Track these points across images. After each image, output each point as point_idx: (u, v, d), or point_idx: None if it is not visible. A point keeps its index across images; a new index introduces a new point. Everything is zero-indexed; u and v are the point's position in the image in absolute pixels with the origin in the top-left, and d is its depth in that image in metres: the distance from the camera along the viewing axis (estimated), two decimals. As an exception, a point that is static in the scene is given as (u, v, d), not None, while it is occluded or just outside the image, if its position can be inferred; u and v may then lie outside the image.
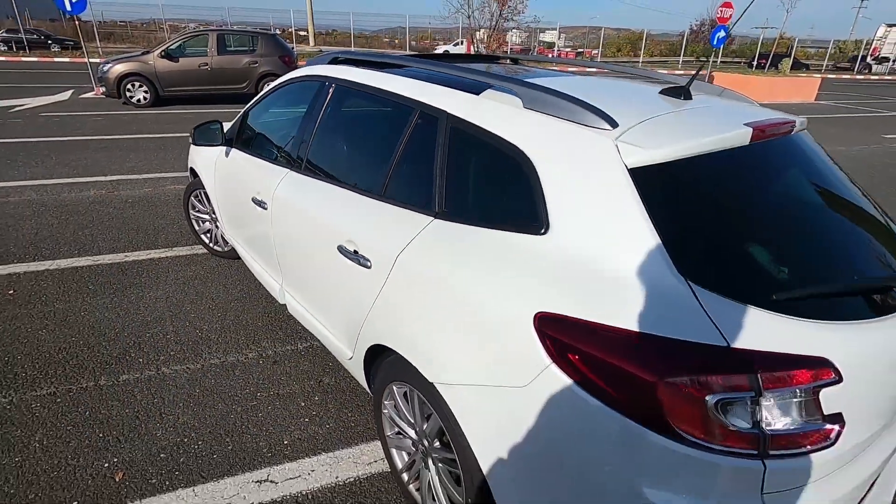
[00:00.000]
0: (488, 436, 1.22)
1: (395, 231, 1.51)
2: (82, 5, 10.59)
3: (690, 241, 1.07)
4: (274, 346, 2.63)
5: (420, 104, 1.61)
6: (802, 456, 0.97)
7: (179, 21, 37.66)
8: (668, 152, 1.13)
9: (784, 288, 1.06)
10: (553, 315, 1.08)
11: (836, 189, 1.43)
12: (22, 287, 3.11)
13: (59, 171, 5.56)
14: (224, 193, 2.88)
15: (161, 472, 1.86)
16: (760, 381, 0.92)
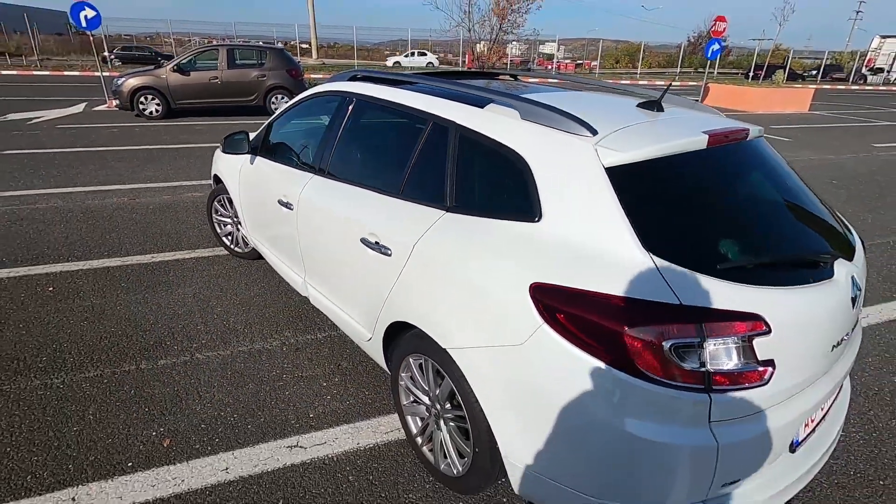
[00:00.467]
0: (493, 390, 1.48)
1: (413, 223, 1.78)
2: (97, 22, 10.99)
3: (654, 224, 1.34)
4: (296, 335, 2.88)
5: (433, 116, 1.89)
6: (741, 391, 1.23)
7: (184, 35, 38.35)
8: (638, 154, 1.40)
9: (727, 260, 1.32)
10: (544, 285, 1.34)
11: (781, 185, 1.70)
12: (60, 285, 3.37)
13: (81, 179, 5.86)
14: (248, 197, 3.15)
15: (203, 439, 2.10)
16: (704, 330, 1.18)
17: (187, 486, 1.88)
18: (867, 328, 3.16)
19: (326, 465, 2.00)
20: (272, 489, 1.88)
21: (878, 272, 4.01)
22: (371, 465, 2.01)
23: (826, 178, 7.28)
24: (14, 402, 2.27)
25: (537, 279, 1.36)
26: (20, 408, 2.23)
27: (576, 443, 1.33)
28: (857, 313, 1.55)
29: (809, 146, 9.86)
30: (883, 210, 5.73)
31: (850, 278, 1.46)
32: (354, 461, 2.03)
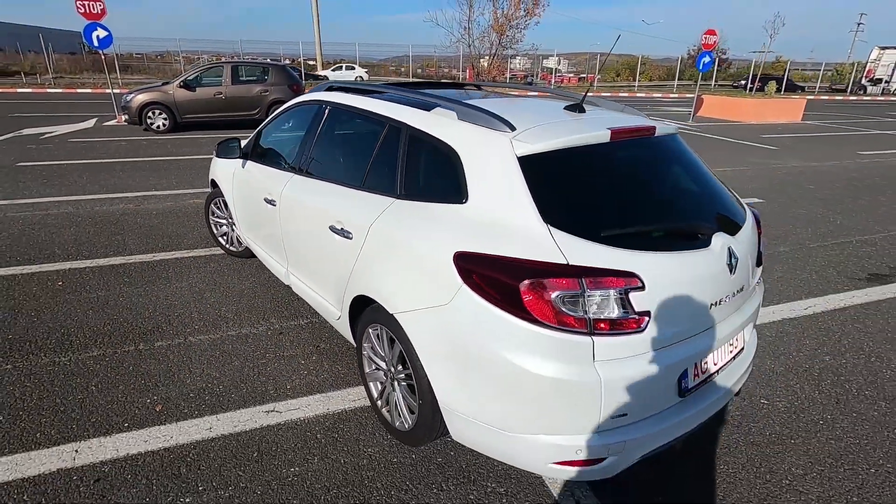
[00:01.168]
0: (429, 345, 1.75)
1: (370, 210, 2.07)
2: (108, 41, 11.51)
3: (554, 201, 1.61)
4: (280, 321, 3.16)
5: (389, 119, 2.19)
6: (620, 336, 1.49)
7: (193, 53, 39.35)
8: (545, 146, 1.69)
9: (611, 229, 1.59)
10: (464, 252, 1.62)
11: (682, 172, 1.98)
12: (68, 279, 3.69)
13: (91, 188, 6.22)
14: (241, 197, 3.46)
15: (191, 405, 2.38)
16: (585, 283, 1.45)
17: (175, 441, 2.15)
18: (816, 315, 3.39)
19: (298, 426, 2.27)
20: (249, 444, 2.15)
21: (835, 267, 4.24)
22: (338, 426, 2.28)
23: (804, 182, 7.51)
24: (26, 376, 2.56)
25: (459, 248, 1.64)
26: (31, 380, 2.52)
27: (491, 385, 1.60)
28: (740, 280, 1.81)
29: (794, 154, 10.10)
30: (853, 213, 5.96)
31: (727, 249, 1.73)
32: (324, 423, 2.29)
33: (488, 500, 1.90)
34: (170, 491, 1.90)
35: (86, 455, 2.06)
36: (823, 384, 2.66)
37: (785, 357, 2.90)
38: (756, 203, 6.27)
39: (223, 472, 2.00)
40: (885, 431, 2.31)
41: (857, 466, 2.10)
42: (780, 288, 3.82)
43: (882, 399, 2.55)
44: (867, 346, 3.04)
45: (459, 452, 2.12)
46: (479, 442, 1.75)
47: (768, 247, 4.69)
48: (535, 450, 1.60)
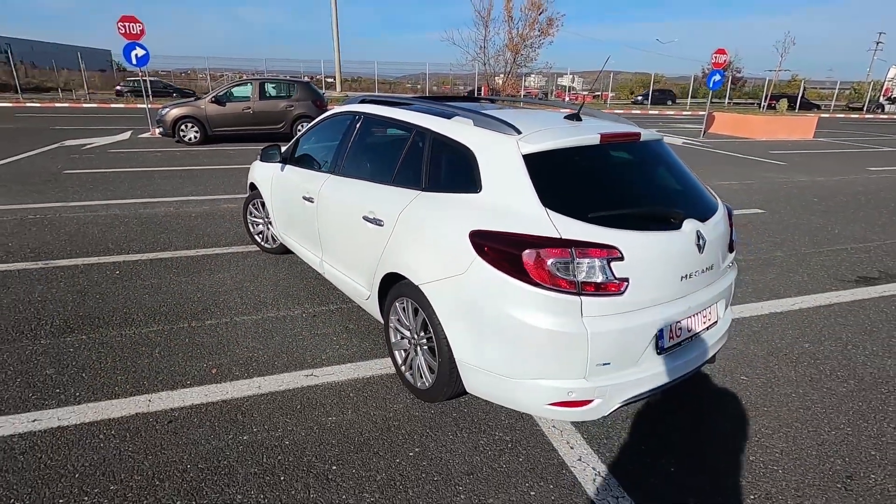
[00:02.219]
0: (448, 308, 2.12)
1: (399, 200, 2.46)
2: (145, 59, 12.29)
3: (551, 190, 1.98)
4: (313, 306, 3.56)
5: (416, 126, 2.59)
6: (603, 297, 1.85)
7: (218, 71, 40.79)
8: (545, 146, 2.07)
9: (596, 211, 1.95)
10: (478, 230, 2.00)
11: (664, 171, 2.34)
12: (124, 270, 4.14)
13: (133, 193, 6.76)
14: (279, 197, 3.89)
15: (241, 369, 2.77)
16: (574, 253, 1.82)
17: (230, 395, 2.54)
18: (802, 310, 3.68)
19: (333, 386, 2.64)
20: (292, 399, 2.53)
21: (826, 271, 4.52)
22: (367, 387, 2.64)
23: (809, 196, 7.76)
24: (100, 344, 2.98)
25: (473, 227, 2.02)
26: (104, 348, 2.94)
27: (498, 339, 1.96)
28: (709, 259, 2.15)
29: (802, 169, 10.33)
30: (852, 223, 6.20)
31: (696, 232, 2.08)
32: (355, 385, 2.66)
33: (495, 445, 2.24)
34: (230, 430, 2.28)
35: (158, 403, 2.46)
36: (800, 366, 2.95)
37: (767, 343, 3.20)
38: (757, 213, 6.55)
39: (273, 419, 2.37)
40: (850, 403, 2.61)
41: (821, 429, 2.40)
42: (772, 287, 4.11)
43: (852, 378, 2.83)
44: (846, 336, 3.32)
45: (473, 408, 2.47)
46: (489, 389, 2.10)
47: (764, 252, 4.98)
48: (534, 392, 1.95)
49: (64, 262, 4.25)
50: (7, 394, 2.50)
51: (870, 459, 2.22)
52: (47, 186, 7.02)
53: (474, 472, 2.08)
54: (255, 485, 1.99)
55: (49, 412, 2.38)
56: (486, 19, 25.76)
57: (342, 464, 2.11)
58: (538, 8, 24.53)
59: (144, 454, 2.13)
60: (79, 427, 2.28)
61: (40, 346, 2.95)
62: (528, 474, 2.08)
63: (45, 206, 5.96)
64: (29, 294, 3.61)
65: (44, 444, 2.18)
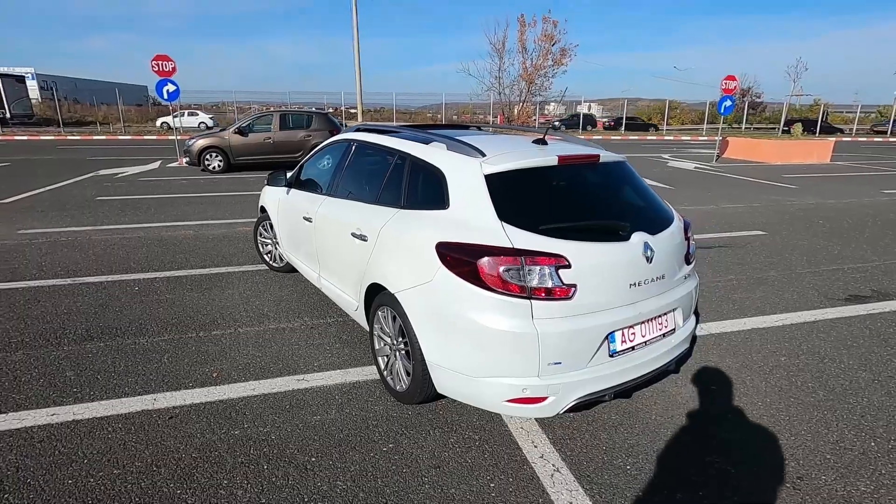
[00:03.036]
0: (418, 314, 2.33)
1: (381, 218, 2.71)
2: (176, 94, 13.12)
3: (507, 205, 2.20)
4: (312, 319, 3.80)
5: (399, 151, 2.86)
6: (552, 301, 2.04)
7: (245, 103, 42.64)
8: (504, 167, 2.30)
9: (546, 224, 2.16)
10: (443, 242, 2.22)
11: (622, 189, 2.54)
12: (143, 286, 4.48)
13: (158, 218, 7.22)
14: (285, 219, 4.20)
15: (240, 374, 3.01)
16: (524, 261, 2.02)
17: (227, 396, 2.78)
18: (785, 326, 3.75)
19: (322, 389, 2.85)
20: (283, 400, 2.75)
21: (818, 290, 4.57)
22: (353, 391, 2.85)
23: (815, 218, 7.77)
24: (115, 351, 3.27)
25: (440, 239, 2.25)
26: (120, 354, 3.23)
27: (460, 340, 2.16)
28: (659, 269, 2.32)
29: (813, 192, 10.30)
30: (854, 244, 6.21)
31: (644, 244, 2.26)
32: (341, 389, 2.87)
33: (464, 443, 2.41)
34: (223, 426, 2.51)
35: (161, 402, 2.71)
36: (772, 378, 3.04)
37: (743, 356, 3.29)
38: (757, 235, 6.61)
39: (263, 417, 2.60)
40: (815, 412, 2.69)
41: (780, 435, 2.50)
42: (758, 304, 4.20)
43: (821, 389, 2.91)
44: (823, 350, 3.39)
45: (447, 411, 2.64)
46: (454, 388, 2.29)
47: (757, 271, 5.06)
48: (493, 389, 2.13)
49: (90, 278, 4.62)
50: (31, 392, 2.79)
51: (824, 462, 2.30)
52: (81, 212, 7.55)
53: (441, 466, 2.25)
54: (240, 472, 2.20)
55: (66, 408, 2.65)
56: (501, 51, 26.58)
57: (320, 456, 2.31)
58: (551, 39, 25.24)
59: (146, 444, 2.37)
60: (90, 421, 2.54)
61: (63, 352, 3.25)
62: (490, 469, 2.24)
63: (78, 230, 6.44)
64: (56, 307, 3.96)
65: (59, 434, 2.44)
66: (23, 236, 6.09)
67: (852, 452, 2.37)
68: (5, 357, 3.17)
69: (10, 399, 2.72)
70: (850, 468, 2.27)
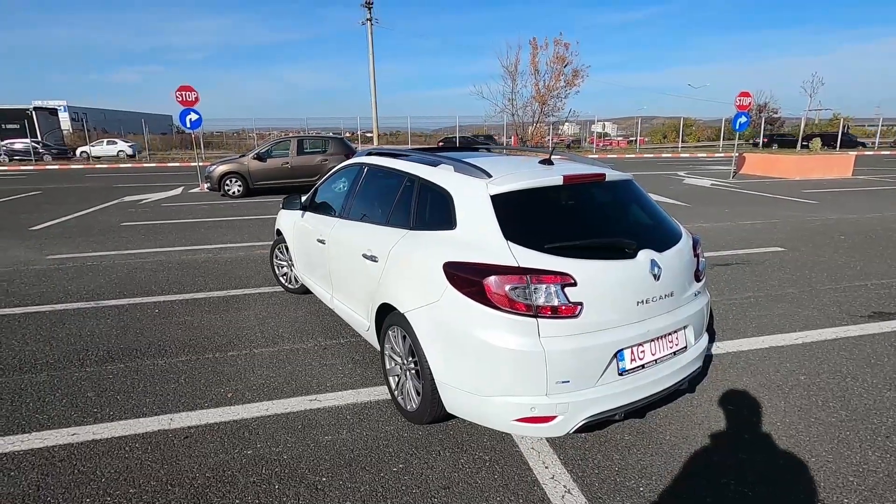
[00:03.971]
0: (426, 333, 2.35)
1: (391, 239, 2.76)
2: (198, 123, 13.59)
3: (513, 224, 2.23)
4: (325, 340, 3.85)
5: (408, 174, 2.93)
6: (559, 319, 2.05)
7: (265, 130, 43.83)
8: (510, 187, 2.34)
9: (552, 243, 2.18)
10: (450, 262, 2.26)
11: (629, 207, 2.56)
12: (162, 308, 4.59)
13: (179, 242, 7.42)
14: (299, 241, 4.29)
15: (254, 394, 3.06)
16: (529, 279, 2.04)
17: (241, 416, 2.82)
18: (805, 344, 3.66)
19: (334, 409, 2.88)
20: (295, 420, 2.78)
21: (839, 306, 4.47)
22: (364, 411, 2.87)
23: (836, 233, 7.60)
24: (135, 372, 3.35)
25: (447, 259, 2.28)
26: (138, 375, 3.31)
27: (468, 358, 2.17)
28: (667, 287, 2.32)
29: (834, 207, 10.10)
30: (878, 260, 6.05)
31: (651, 261, 2.26)
32: (353, 409, 2.89)
33: (474, 463, 2.40)
34: (237, 445, 2.55)
35: (178, 422, 2.76)
36: (791, 397, 2.97)
37: (761, 375, 3.22)
38: (776, 251, 6.50)
39: (275, 436, 2.62)
40: (837, 432, 2.61)
41: (801, 456, 2.43)
42: (777, 322, 4.11)
43: (844, 409, 2.83)
44: (846, 369, 3.30)
45: (458, 431, 2.64)
46: (463, 407, 2.29)
47: (775, 288, 4.97)
48: (500, 409, 2.13)
49: (112, 302, 4.76)
50: (54, 412, 2.87)
51: (846, 485, 2.23)
52: (106, 237, 7.81)
53: (451, 487, 2.24)
54: (252, 491, 2.22)
55: (86, 427, 2.72)
56: (514, 73, 26.97)
57: (331, 476, 2.32)
58: (563, 61, 25.55)
59: (161, 464, 2.42)
60: (109, 440, 2.61)
61: (85, 372, 3.35)
62: (501, 490, 2.22)
63: (102, 255, 6.65)
64: (80, 329, 4.08)
65: (79, 453, 2.50)
66: (51, 261, 6.32)
67: (877, 475, 2.29)
68: (31, 378, 3.27)
69: (33, 419, 2.80)
70: (875, 491, 2.19)
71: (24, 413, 2.86)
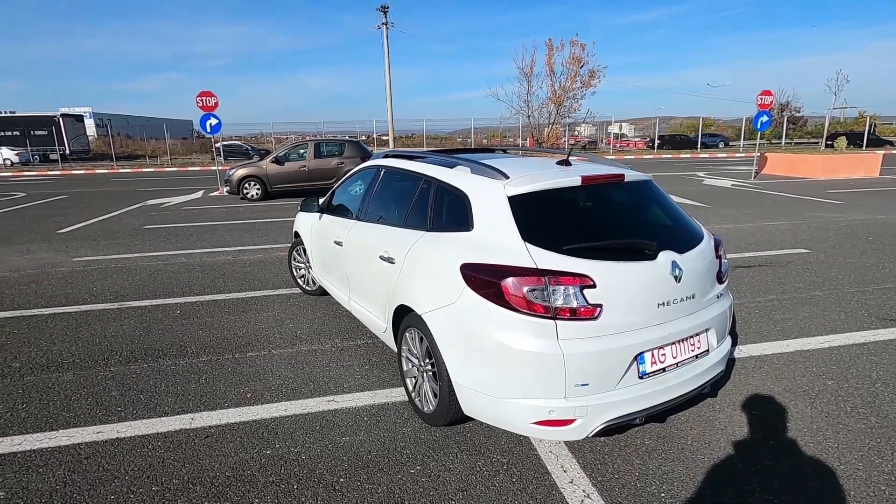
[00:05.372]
0: (444, 335, 2.35)
1: (408, 241, 2.77)
2: (218, 128, 13.84)
3: (531, 226, 2.21)
4: (342, 342, 3.87)
5: (424, 175, 2.94)
6: (578, 321, 2.02)
7: (283, 133, 44.39)
8: (528, 188, 2.33)
9: (570, 244, 2.15)
10: (467, 263, 2.25)
11: (648, 208, 2.52)
12: (183, 309, 4.67)
13: (199, 244, 7.56)
14: (317, 244, 4.33)
15: (272, 394, 3.09)
16: (548, 281, 2.02)
17: (260, 416, 2.85)
18: (832, 348, 3.56)
19: (351, 410, 2.89)
20: (313, 421, 2.79)
21: (867, 309, 4.33)
22: (381, 412, 2.87)
23: (863, 234, 7.39)
24: (157, 372, 3.41)
25: (464, 260, 2.28)
26: (160, 374, 3.37)
27: (485, 361, 2.16)
28: (688, 288, 2.27)
29: (860, 208, 9.82)
30: (908, 261, 5.86)
31: (671, 262, 2.22)
32: (370, 410, 2.90)
33: (492, 466, 2.38)
34: (256, 445, 2.57)
35: (199, 421, 2.81)
36: (818, 402, 2.88)
37: (787, 380, 3.14)
38: (800, 253, 6.34)
39: (294, 437, 2.65)
40: (867, 440, 2.53)
41: (830, 463, 2.36)
42: (803, 325, 4.01)
43: (874, 416, 2.74)
44: (876, 374, 3.20)
45: (475, 433, 2.63)
46: (481, 409, 2.28)
47: (801, 291, 4.84)
48: (519, 411, 2.11)
49: (135, 303, 4.86)
50: (80, 410, 2.94)
51: (878, 494, 2.16)
52: (130, 239, 7.99)
53: (468, 490, 2.23)
54: (271, 491, 2.24)
55: (111, 426, 2.77)
56: (529, 75, 26.86)
57: (349, 477, 2.33)
58: (579, 62, 25.37)
59: (183, 462, 2.45)
60: (133, 439, 2.66)
61: (109, 372, 3.42)
62: (518, 493, 2.20)
63: (126, 257, 6.81)
64: (105, 329, 4.18)
65: (104, 451, 2.55)
66: (77, 263, 6.48)
67: (909, 484, 2.21)
68: (59, 377, 3.35)
69: (60, 417, 2.87)
70: (908, 501, 2.11)
71: (51, 411, 2.93)
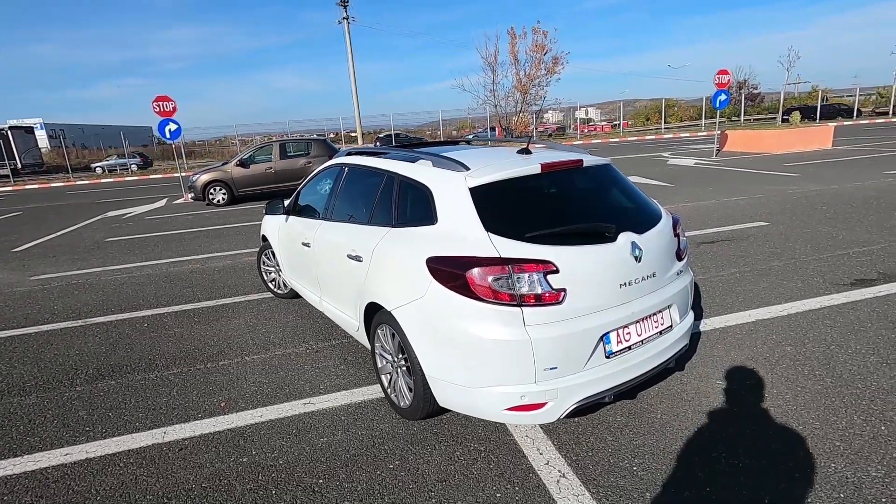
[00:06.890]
0: (414, 329, 2.36)
1: (374, 238, 2.76)
2: (178, 133, 13.43)
3: (493, 215, 2.24)
4: (317, 343, 3.84)
5: (388, 171, 2.93)
6: (543, 306, 2.06)
7: (248, 135, 43.38)
8: (488, 179, 2.35)
9: (532, 231, 2.19)
10: (432, 257, 2.26)
11: (607, 191, 2.58)
12: (152, 322, 4.56)
13: (165, 254, 7.35)
14: (285, 246, 4.27)
15: (247, 401, 3.05)
16: (512, 269, 2.05)
17: (235, 424, 2.81)
18: (790, 315, 3.72)
19: (328, 412, 2.88)
20: (290, 425, 2.78)
21: (822, 276, 4.54)
22: (358, 411, 2.87)
23: (818, 204, 7.70)
24: (126, 388, 3.33)
25: (429, 254, 2.29)
26: (130, 390, 3.29)
27: (456, 352, 2.18)
28: (649, 267, 2.34)
29: (815, 179, 10.23)
30: (859, 228, 6.15)
31: (631, 243, 2.29)
32: (347, 409, 2.89)
33: (469, 455, 2.42)
34: (232, 454, 2.54)
35: (171, 434, 2.75)
36: (778, 368, 3.02)
37: (748, 349, 3.27)
38: (760, 226, 6.58)
39: (270, 442, 2.62)
40: (823, 400, 2.66)
41: (788, 424, 2.47)
42: (763, 296, 4.17)
43: (829, 376, 2.88)
44: (830, 337, 3.36)
45: (452, 424, 2.65)
46: (455, 400, 2.31)
47: (760, 262, 5.03)
48: (491, 399, 2.15)
49: (100, 318, 4.71)
50: (46, 434, 2.84)
51: (833, 450, 2.28)
52: (91, 254, 7.71)
53: (447, 480, 2.26)
54: (249, 499, 2.23)
55: (79, 447, 2.70)
56: (494, 64, 26.91)
57: (328, 477, 2.33)
58: (543, 49, 25.54)
59: (156, 477, 2.41)
60: (103, 458, 2.59)
61: (76, 392, 3.32)
62: (496, 479, 2.24)
63: (88, 272, 6.57)
64: (69, 349, 4.04)
65: (73, 473, 2.48)
66: (35, 282, 6.23)
67: (862, 438, 2.34)
68: (20, 401, 3.24)
69: (24, 442, 2.77)
70: (861, 454, 2.24)
71: (14, 437, 2.83)
